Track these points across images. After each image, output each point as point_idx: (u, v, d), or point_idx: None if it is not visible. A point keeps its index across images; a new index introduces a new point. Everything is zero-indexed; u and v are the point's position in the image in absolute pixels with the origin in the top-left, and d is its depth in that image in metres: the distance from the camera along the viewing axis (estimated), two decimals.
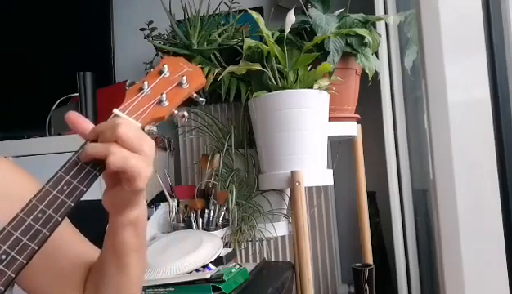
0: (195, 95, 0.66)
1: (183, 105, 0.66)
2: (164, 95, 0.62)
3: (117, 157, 0.54)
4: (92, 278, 0.69)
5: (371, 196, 1.72)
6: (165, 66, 0.65)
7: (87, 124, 0.59)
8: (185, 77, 0.65)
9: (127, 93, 0.63)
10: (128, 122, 0.58)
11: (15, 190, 0.66)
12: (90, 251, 0.72)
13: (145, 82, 0.63)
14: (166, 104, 0.62)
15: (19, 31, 2.07)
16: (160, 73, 0.65)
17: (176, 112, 0.64)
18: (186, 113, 0.64)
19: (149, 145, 0.57)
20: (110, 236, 0.63)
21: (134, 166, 0.54)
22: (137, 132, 0.57)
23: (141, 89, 0.63)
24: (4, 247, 0.51)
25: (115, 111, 0.60)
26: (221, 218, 1.39)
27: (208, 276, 1.02)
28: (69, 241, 0.70)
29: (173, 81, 0.65)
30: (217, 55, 1.57)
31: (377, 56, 1.55)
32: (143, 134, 0.58)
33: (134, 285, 0.66)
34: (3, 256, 0.51)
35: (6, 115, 1.95)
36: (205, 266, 1.10)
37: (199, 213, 1.39)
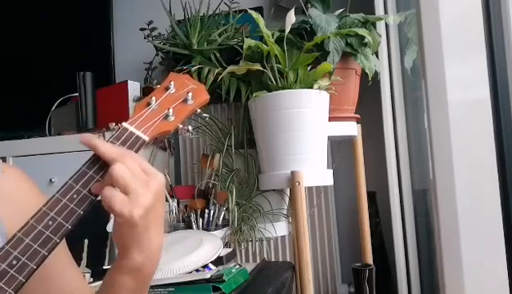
0: (199, 110, 0.70)
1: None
2: (171, 111, 0.66)
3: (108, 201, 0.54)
4: None
5: (371, 196, 1.72)
6: (171, 83, 0.69)
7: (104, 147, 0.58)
8: (190, 94, 0.68)
9: (135, 107, 0.66)
10: (134, 160, 0.57)
11: (25, 198, 0.66)
12: (79, 276, 0.70)
13: (153, 98, 0.67)
14: (172, 118, 0.66)
15: (19, 31, 2.07)
16: (167, 89, 0.69)
17: (181, 126, 0.67)
18: (190, 128, 0.68)
19: (156, 182, 0.57)
20: (108, 279, 0.60)
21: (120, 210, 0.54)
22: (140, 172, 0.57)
23: (148, 104, 0.66)
24: (15, 253, 0.53)
25: (125, 124, 0.63)
26: (221, 218, 1.39)
27: (208, 276, 1.02)
28: (65, 265, 0.68)
29: (179, 97, 0.68)
30: (217, 55, 1.57)
31: (377, 56, 1.55)
32: (149, 170, 0.58)
33: None
34: (14, 262, 0.52)
35: (6, 115, 1.95)
36: (205, 266, 1.10)
37: (199, 213, 1.39)
